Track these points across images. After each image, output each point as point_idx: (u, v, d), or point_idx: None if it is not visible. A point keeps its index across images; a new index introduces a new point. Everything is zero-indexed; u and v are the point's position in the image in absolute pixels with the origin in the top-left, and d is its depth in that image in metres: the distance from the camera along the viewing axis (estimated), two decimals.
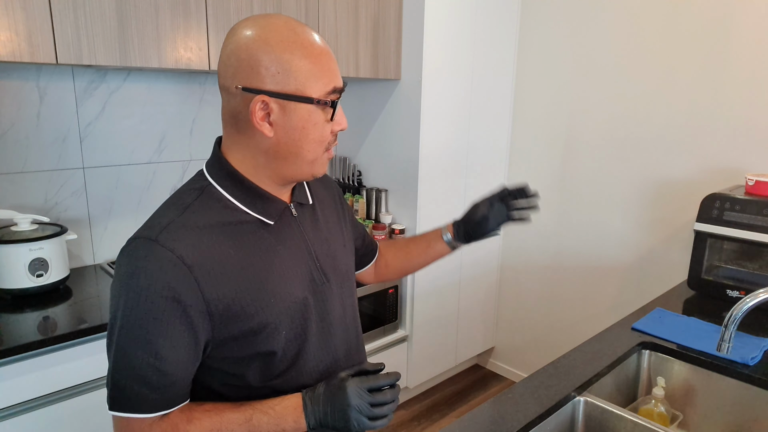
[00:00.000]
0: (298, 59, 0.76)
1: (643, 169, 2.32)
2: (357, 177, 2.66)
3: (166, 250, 0.73)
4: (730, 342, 1.04)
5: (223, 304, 0.77)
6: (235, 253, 0.79)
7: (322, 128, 0.81)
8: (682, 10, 2.11)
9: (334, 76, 0.80)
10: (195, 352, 0.77)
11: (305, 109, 0.78)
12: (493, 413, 1.09)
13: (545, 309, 2.78)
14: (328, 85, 0.79)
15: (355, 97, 2.60)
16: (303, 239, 0.88)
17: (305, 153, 0.81)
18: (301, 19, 2.01)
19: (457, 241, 1.19)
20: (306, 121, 0.79)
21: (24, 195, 1.83)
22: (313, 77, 0.77)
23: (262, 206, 0.84)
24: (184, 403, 0.79)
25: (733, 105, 2.03)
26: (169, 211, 0.80)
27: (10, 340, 1.37)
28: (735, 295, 1.70)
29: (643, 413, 1.28)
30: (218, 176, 0.83)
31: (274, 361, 0.83)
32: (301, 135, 0.79)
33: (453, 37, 2.36)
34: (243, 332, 0.79)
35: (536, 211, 1.20)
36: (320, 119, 0.80)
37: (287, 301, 0.83)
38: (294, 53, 0.76)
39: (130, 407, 0.74)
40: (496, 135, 2.71)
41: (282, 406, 0.79)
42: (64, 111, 1.86)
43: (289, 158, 0.81)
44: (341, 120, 0.84)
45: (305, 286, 0.86)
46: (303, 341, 0.85)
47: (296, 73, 0.76)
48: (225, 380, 0.83)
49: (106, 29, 1.57)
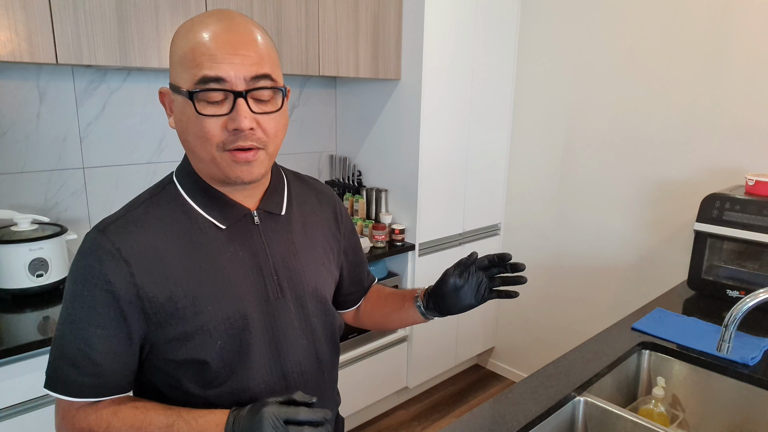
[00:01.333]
0: (179, 47, 0.74)
1: (643, 169, 2.32)
2: (357, 177, 2.66)
3: (108, 242, 0.75)
4: (730, 342, 1.04)
5: (158, 303, 0.76)
6: (179, 253, 0.78)
7: (197, 123, 0.73)
8: (681, 11, 2.11)
9: (207, 64, 0.71)
10: (129, 346, 0.77)
11: (178, 101, 0.75)
12: (493, 413, 1.09)
13: (545, 309, 2.78)
14: (195, 74, 0.71)
15: (355, 97, 2.60)
16: (262, 249, 0.84)
17: (197, 151, 0.76)
18: (301, 19, 2.01)
19: (428, 312, 1.02)
20: (181, 113, 0.75)
21: (24, 195, 1.83)
22: (182, 66, 0.73)
23: (218, 209, 0.82)
24: (119, 395, 0.79)
25: (733, 105, 2.03)
26: (126, 206, 0.81)
27: (10, 340, 1.37)
28: (735, 295, 1.70)
29: (643, 413, 1.27)
30: (181, 175, 0.84)
31: (208, 371, 0.80)
32: (182, 129, 0.77)
33: (453, 37, 2.36)
34: (176, 335, 0.78)
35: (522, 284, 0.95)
36: (192, 112, 0.73)
37: (226, 310, 0.79)
38: (177, 42, 0.74)
39: (61, 388, 0.76)
40: (496, 135, 2.71)
41: (205, 420, 0.76)
42: (64, 111, 1.86)
43: (190, 155, 0.80)
44: (236, 117, 0.73)
45: (253, 298, 0.82)
46: (244, 355, 0.82)
47: (174, 62, 0.75)
48: (166, 380, 0.82)
49: (106, 29, 1.57)
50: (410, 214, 2.46)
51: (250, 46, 0.74)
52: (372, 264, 2.39)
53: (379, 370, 2.46)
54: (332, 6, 2.10)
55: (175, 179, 0.84)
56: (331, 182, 2.76)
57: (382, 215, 2.49)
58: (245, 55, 0.73)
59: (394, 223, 2.49)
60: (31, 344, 1.37)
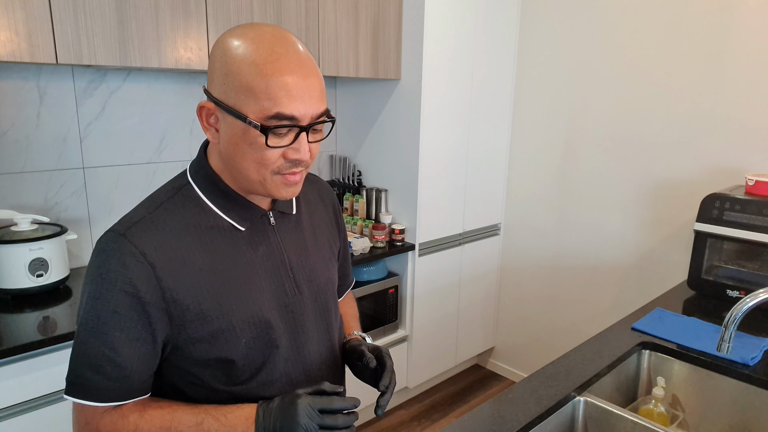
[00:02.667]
0: (246, 74, 0.73)
1: (643, 169, 2.32)
2: (357, 177, 2.66)
3: (131, 246, 0.74)
4: (730, 342, 1.04)
5: (183, 305, 0.77)
6: (202, 255, 0.79)
7: (260, 151, 0.75)
8: (681, 11, 2.11)
9: (284, 102, 0.73)
10: (153, 348, 0.78)
11: (239, 126, 0.75)
12: (493, 413, 1.09)
13: (545, 309, 2.78)
14: (269, 109, 0.73)
15: (355, 97, 2.60)
16: (278, 249, 0.87)
17: (246, 171, 0.78)
18: (301, 19, 2.01)
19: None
20: (239, 138, 0.75)
21: (24, 195, 1.83)
22: (253, 96, 0.73)
23: (236, 211, 0.83)
24: (141, 397, 0.79)
25: (733, 105, 2.03)
26: (143, 207, 0.80)
27: (10, 340, 1.37)
28: (735, 295, 1.70)
29: (643, 413, 1.28)
30: (197, 177, 0.84)
31: (233, 368, 0.82)
32: (236, 151, 0.77)
33: (453, 37, 2.36)
34: (201, 336, 0.78)
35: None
36: (257, 141, 0.74)
37: (249, 309, 0.81)
38: (245, 67, 0.73)
39: (84, 394, 0.76)
40: (496, 134, 2.71)
41: (234, 415, 0.77)
42: (64, 111, 1.86)
43: (235, 171, 0.80)
44: (299, 148, 0.76)
45: (274, 297, 0.85)
46: (269, 352, 0.84)
47: (239, 87, 0.73)
48: (188, 379, 0.83)
49: (106, 29, 1.57)
50: (410, 214, 2.46)
51: (316, 83, 0.76)
52: (372, 264, 2.39)
53: None
54: (332, 6, 2.10)
55: (191, 180, 0.84)
56: (331, 182, 2.76)
57: (382, 215, 2.49)
58: (312, 94, 0.75)
59: (394, 223, 2.49)
60: (31, 344, 1.37)
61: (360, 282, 2.35)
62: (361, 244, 2.29)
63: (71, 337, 1.44)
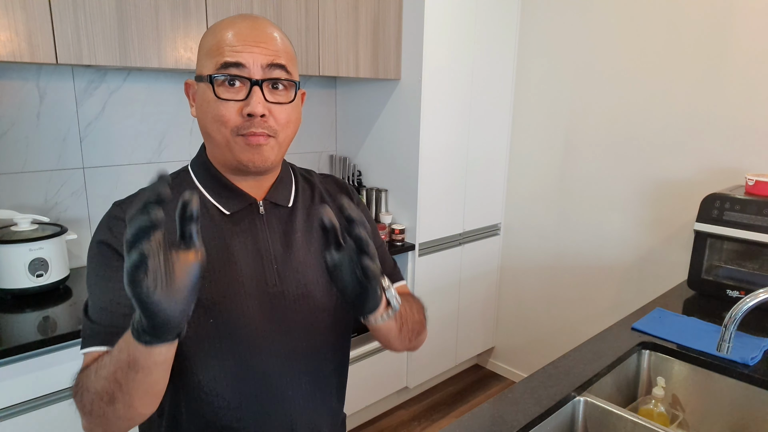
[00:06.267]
0: (206, 41, 0.81)
1: (643, 169, 2.32)
2: (357, 177, 2.66)
3: (119, 211, 0.83)
4: (730, 342, 1.04)
5: None
6: None
7: (215, 107, 0.78)
8: (681, 12, 2.11)
9: (230, 53, 0.77)
10: None
11: (201, 88, 0.81)
12: (493, 413, 1.09)
13: (545, 309, 2.78)
14: (219, 61, 0.78)
15: (355, 97, 2.60)
16: (263, 238, 0.87)
17: (213, 134, 0.81)
18: (301, 19, 2.01)
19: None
20: (201, 99, 0.81)
21: (24, 195, 1.83)
22: (207, 55, 0.80)
23: (225, 197, 0.86)
24: None
25: (732, 105, 2.03)
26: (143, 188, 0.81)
27: (10, 340, 1.37)
28: (735, 295, 1.70)
29: (643, 413, 1.28)
30: (195, 163, 0.90)
31: (190, 351, 0.81)
32: (201, 114, 0.82)
33: (453, 37, 2.36)
34: None
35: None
36: (211, 97, 0.79)
37: (224, 287, 0.82)
38: (206, 37, 0.82)
39: (97, 341, 0.78)
40: (496, 134, 2.71)
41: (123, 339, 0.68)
42: (64, 111, 1.86)
43: (207, 141, 0.85)
44: (251, 101, 0.77)
45: (252, 284, 0.84)
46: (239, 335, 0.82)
47: (201, 56, 0.81)
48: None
49: (106, 29, 1.57)
50: (410, 214, 2.46)
51: (269, 40, 0.80)
52: None
53: (379, 370, 2.46)
54: (332, 6, 2.10)
55: (190, 168, 0.90)
56: None
57: (382, 215, 2.49)
58: (264, 47, 0.79)
59: (394, 223, 2.49)
60: (30, 344, 1.37)
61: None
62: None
63: (71, 337, 1.44)
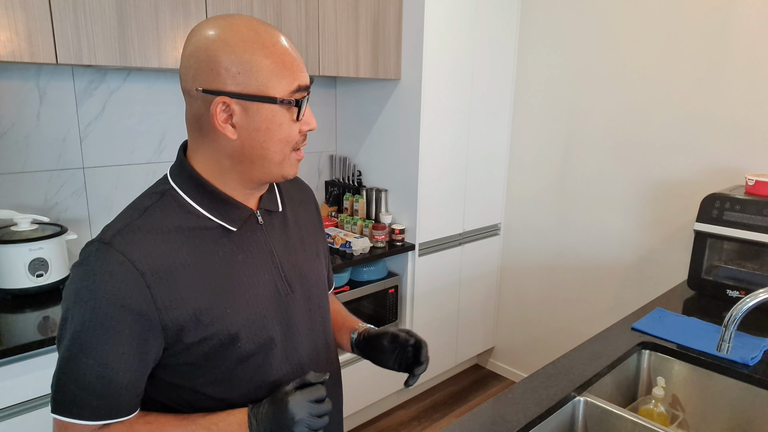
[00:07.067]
0: (259, 58, 0.74)
1: (643, 169, 2.32)
2: (357, 177, 2.66)
3: (118, 254, 0.71)
4: (730, 342, 1.04)
5: (176, 312, 0.74)
6: (193, 259, 0.77)
7: (288, 128, 0.78)
8: (681, 11, 2.11)
9: (298, 74, 0.77)
10: (144, 361, 0.75)
11: (269, 110, 0.76)
12: (493, 413, 1.09)
13: (545, 309, 2.78)
14: (291, 83, 0.76)
15: (355, 97, 2.60)
16: (268, 248, 0.86)
17: (271, 154, 0.78)
18: (301, 19, 2.01)
19: (355, 348, 1.07)
20: (270, 121, 0.76)
21: (24, 195, 1.83)
22: (275, 76, 0.75)
23: (225, 212, 0.81)
24: (130, 415, 0.76)
25: (733, 105, 2.03)
26: (127, 215, 0.77)
27: (10, 340, 1.37)
28: (735, 295, 1.70)
29: (643, 413, 1.28)
30: (180, 180, 0.81)
31: (229, 372, 0.80)
32: (266, 136, 0.77)
33: (453, 37, 2.36)
34: (197, 341, 0.77)
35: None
36: (285, 119, 0.77)
37: (244, 312, 0.80)
38: (255, 53, 0.74)
39: (72, 412, 0.72)
40: (496, 135, 2.71)
41: (226, 422, 0.76)
42: (64, 111, 1.86)
43: (256, 160, 0.79)
44: (309, 120, 0.81)
45: (267, 297, 0.83)
46: (264, 353, 0.83)
47: (257, 72, 0.74)
48: (177, 392, 0.81)
49: (106, 29, 1.57)
50: (410, 214, 2.46)
51: (300, 57, 0.81)
52: (372, 264, 2.39)
53: (379, 370, 2.44)
54: (332, 6, 2.10)
55: (174, 184, 0.81)
56: (331, 182, 2.76)
57: (382, 215, 2.49)
58: (303, 64, 0.80)
59: (394, 223, 2.49)
60: (31, 344, 1.37)
61: (360, 282, 2.35)
62: (361, 244, 2.29)
63: None
